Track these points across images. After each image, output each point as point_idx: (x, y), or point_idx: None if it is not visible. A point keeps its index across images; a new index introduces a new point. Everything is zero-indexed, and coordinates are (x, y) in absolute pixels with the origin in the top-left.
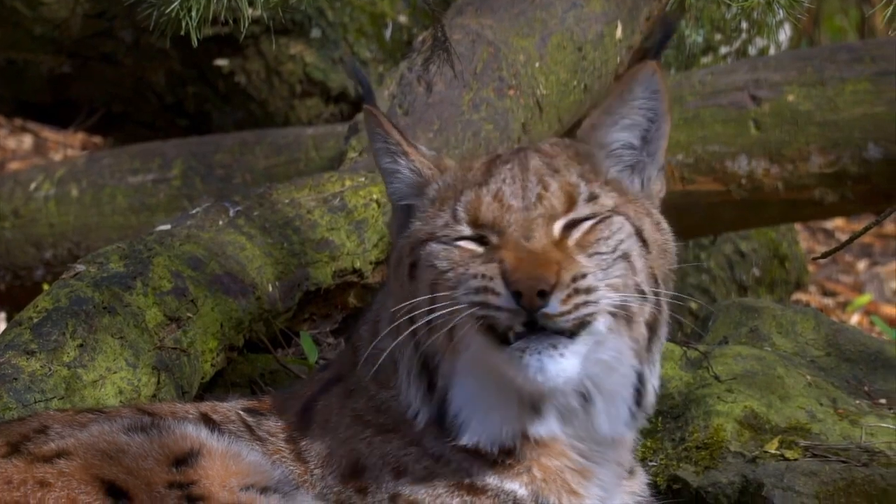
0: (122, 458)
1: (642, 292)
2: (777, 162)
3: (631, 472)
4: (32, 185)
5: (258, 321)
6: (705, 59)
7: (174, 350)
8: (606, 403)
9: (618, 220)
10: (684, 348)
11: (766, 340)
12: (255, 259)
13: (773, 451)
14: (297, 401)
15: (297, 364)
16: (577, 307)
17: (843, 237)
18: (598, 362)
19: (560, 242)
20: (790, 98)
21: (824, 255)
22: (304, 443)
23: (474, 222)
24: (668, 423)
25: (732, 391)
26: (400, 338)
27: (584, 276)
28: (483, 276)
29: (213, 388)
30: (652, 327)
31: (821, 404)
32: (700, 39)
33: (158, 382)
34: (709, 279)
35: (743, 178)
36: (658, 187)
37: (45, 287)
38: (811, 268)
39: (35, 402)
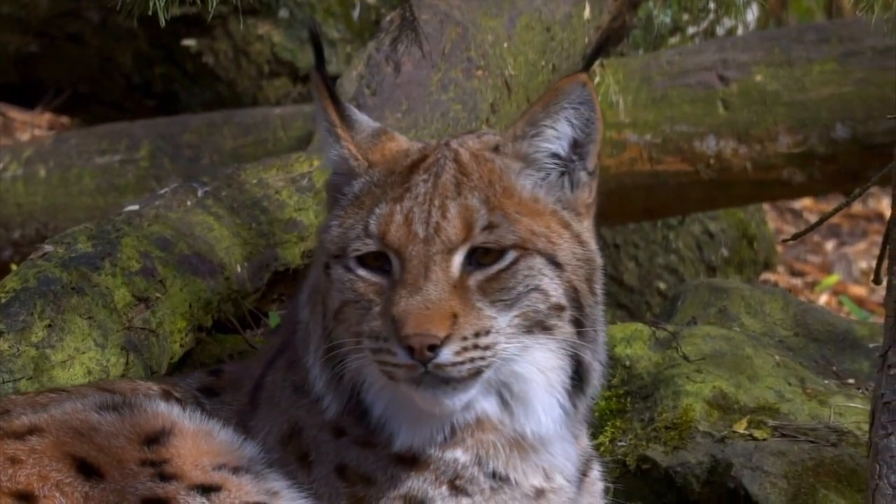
0: (94, 436)
1: (559, 307)
2: (745, 142)
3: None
4: None
5: (227, 301)
6: (673, 40)
7: (143, 330)
8: (525, 409)
9: (524, 262)
10: (653, 329)
11: (735, 321)
12: (223, 239)
13: (741, 431)
14: (249, 380)
15: (265, 345)
16: (471, 360)
17: (812, 217)
18: (511, 374)
19: (460, 282)
20: (758, 78)
21: (794, 237)
22: (252, 423)
23: (382, 239)
24: (637, 403)
25: (701, 371)
26: (314, 315)
27: (487, 332)
28: (379, 336)
29: (182, 368)
30: (578, 321)
31: (789, 384)
32: (668, 20)
33: (127, 363)
34: (677, 259)
35: (711, 158)
36: (586, 194)
37: (14, 267)
38: (779, 248)
39: (3, 383)
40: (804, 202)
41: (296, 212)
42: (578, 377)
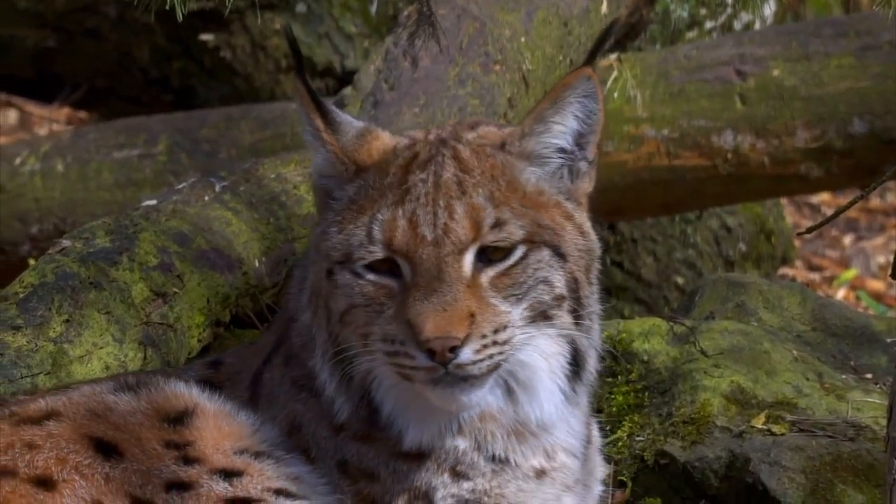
0: (110, 415)
1: (561, 297)
2: (762, 137)
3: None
4: (17, 160)
5: (245, 296)
6: (690, 34)
7: (161, 325)
8: (529, 396)
9: (533, 256)
10: (671, 324)
11: (753, 315)
12: (241, 234)
13: (759, 426)
14: (247, 373)
15: (261, 339)
16: (490, 356)
17: (829, 212)
18: (517, 363)
19: (473, 281)
20: (775, 73)
21: (810, 230)
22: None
23: (389, 245)
24: (655, 398)
25: (719, 366)
26: (316, 318)
27: (504, 327)
28: (395, 340)
29: None
30: (575, 310)
31: (807, 379)
32: (685, 14)
33: (145, 358)
34: (695, 254)
35: (728, 152)
36: (587, 184)
37: (31, 262)
38: (797, 242)
39: (21, 378)
40: (822, 197)
41: (314, 206)
42: (576, 364)
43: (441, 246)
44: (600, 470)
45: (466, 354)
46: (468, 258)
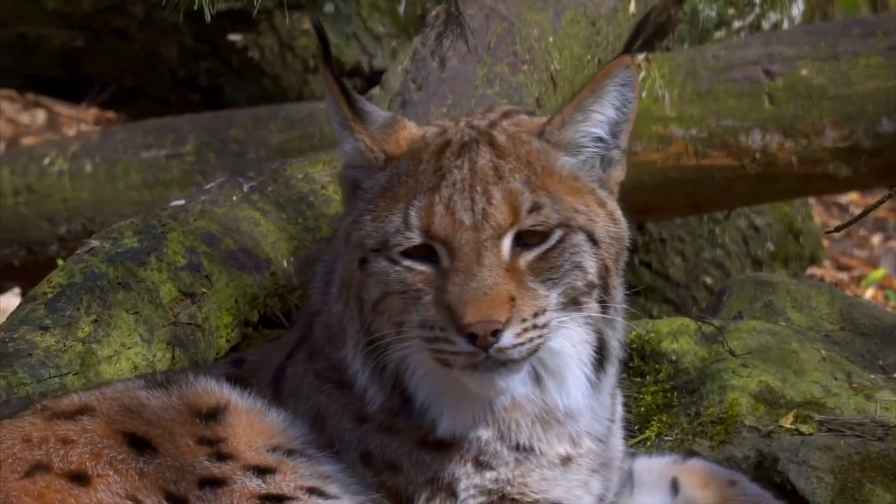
0: (143, 411)
1: (592, 284)
2: (791, 136)
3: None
4: (46, 160)
5: (273, 296)
6: (718, 34)
7: (189, 325)
8: (557, 383)
9: (570, 240)
10: (699, 323)
11: (781, 315)
12: (269, 234)
13: (788, 426)
14: (269, 369)
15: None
16: (531, 339)
17: (858, 211)
18: (547, 349)
19: (511, 265)
20: (804, 72)
21: (838, 229)
22: None
23: (426, 231)
24: (683, 397)
25: (747, 366)
26: (348, 309)
27: (544, 311)
28: (434, 325)
29: None
30: (602, 300)
31: (835, 379)
32: (713, 14)
33: (173, 358)
34: (723, 254)
35: (757, 152)
36: (619, 172)
37: (60, 262)
38: (825, 242)
39: (50, 378)
40: (850, 196)
41: (342, 206)
42: (601, 353)
43: (480, 231)
44: (620, 444)
45: (507, 338)
46: (506, 242)
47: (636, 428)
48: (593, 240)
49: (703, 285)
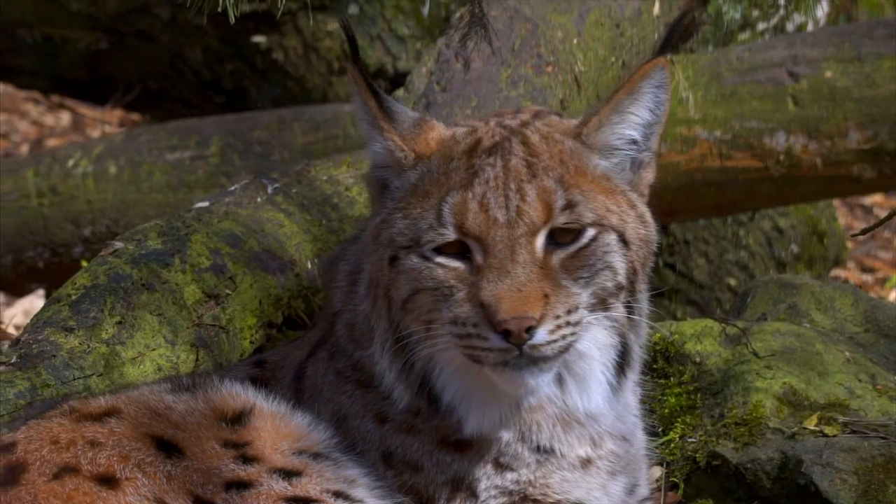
0: (170, 414)
1: (621, 286)
2: (815, 138)
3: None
4: (70, 162)
5: (297, 298)
6: (743, 36)
7: (213, 327)
8: (579, 385)
9: (602, 239)
10: (723, 325)
11: (805, 317)
12: (293, 236)
13: (812, 428)
14: (290, 368)
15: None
16: (563, 337)
17: (882, 213)
18: (573, 351)
19: (545, 262)
20: (828, 74)
21: (864, 232)
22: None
23: (460, 228)
24: (707, 399)
25: (771, 368)
26: (375, 308)
27: (577, 308)
28: (466, 322)
29: None
30: (629, 304)
31: (859, 380)
32: (738, 16)
33: (197, 359)
34: (747, 255)
35: (781, 154)
36: (649, 174)
37: (84, 264)
38: (850, 244)
39: (74, 379)
40: (874, 198)
41: (366, 208)
42: (622, 359)
43: (514, 228)
44: (640, 439)
45: (541, 335)
46: (540, 240)
47: (660, 430)
48: (624, 240)
49: (727, 287)
